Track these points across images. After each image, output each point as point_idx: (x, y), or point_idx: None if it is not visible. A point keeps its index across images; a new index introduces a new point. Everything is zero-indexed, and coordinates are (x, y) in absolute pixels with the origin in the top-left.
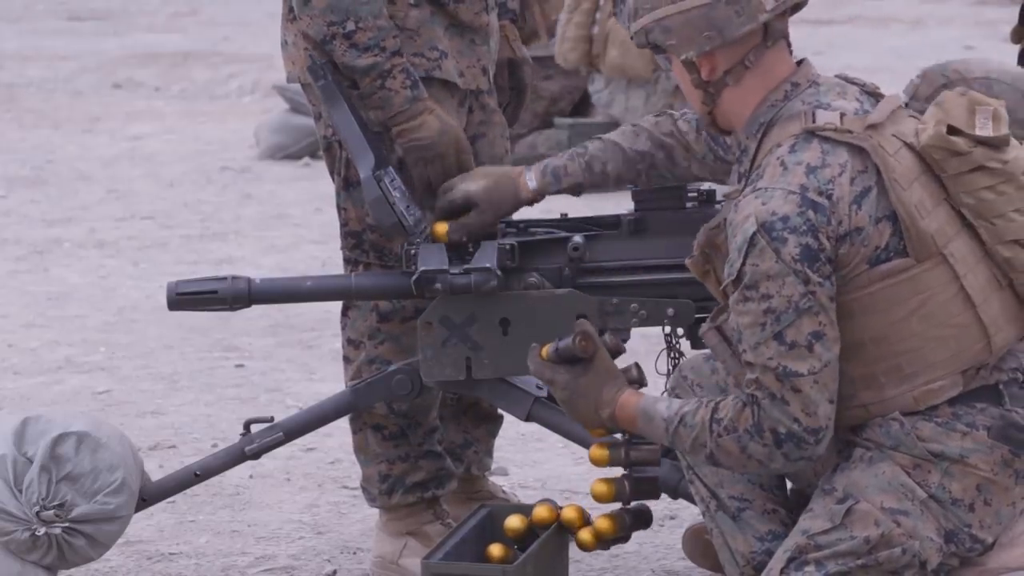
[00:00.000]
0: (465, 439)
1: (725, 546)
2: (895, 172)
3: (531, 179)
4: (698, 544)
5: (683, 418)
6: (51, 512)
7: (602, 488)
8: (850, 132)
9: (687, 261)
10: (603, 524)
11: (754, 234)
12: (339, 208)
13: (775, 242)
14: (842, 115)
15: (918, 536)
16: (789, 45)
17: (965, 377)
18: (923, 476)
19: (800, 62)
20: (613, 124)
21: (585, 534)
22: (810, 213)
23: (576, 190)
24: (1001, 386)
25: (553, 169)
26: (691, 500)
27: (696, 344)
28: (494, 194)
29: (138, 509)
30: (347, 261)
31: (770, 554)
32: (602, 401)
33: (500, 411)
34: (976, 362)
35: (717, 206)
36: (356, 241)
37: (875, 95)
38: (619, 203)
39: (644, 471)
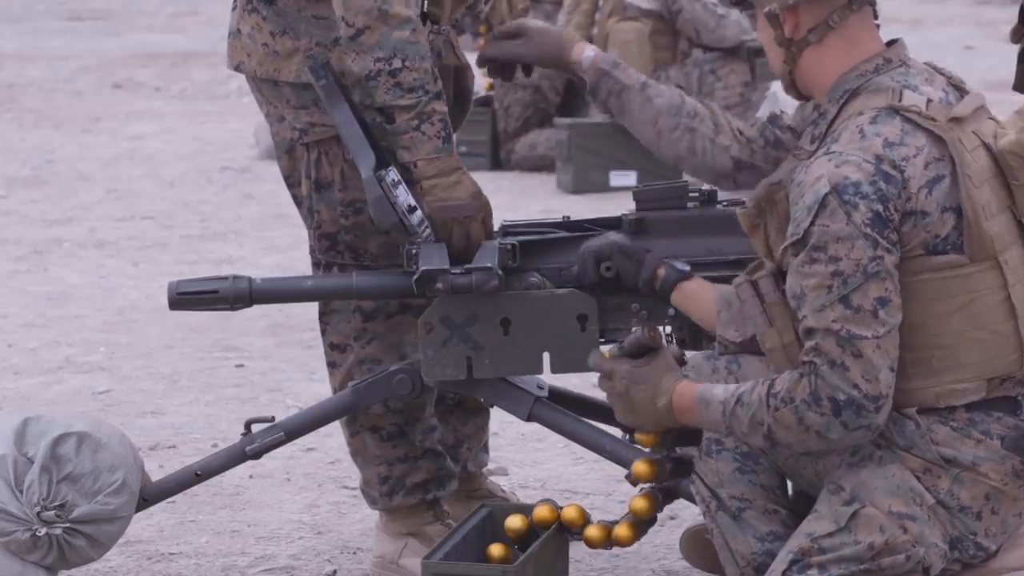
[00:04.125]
0: (456, 438)
1: (725, 546)
2: (969, 169)
3: (589, 50)
4: (696, 545)
5: (740, 398)
6: (52, 512)
7: (643, 504)
8: (933, 120)
9: (738, 212)
10: (622, 531)
11: (826, 195)
12: (311, 211)
13: (846, 205)
14: (928, 101)
15: (924, 542)
16: (876, 16)
17: (990, 385)
18: (933, 481)
19: (893, 41)
20: (614, 124)
21: (594, 531)
22: (882, 183)
23: (617, 97)
24: (1020, 398)
25: (614, 60)
26: (691, 500)
27: (697, 345)
28: (545, 35)
29: (139, 509)
30: (318, 264)
31: (770, 555)
32: (660, 390)
33: (489, 406)
34: (1004, 372)
35: (719, 206)
36: (331, 243)
37: (959, 89)
38: (621, 203)
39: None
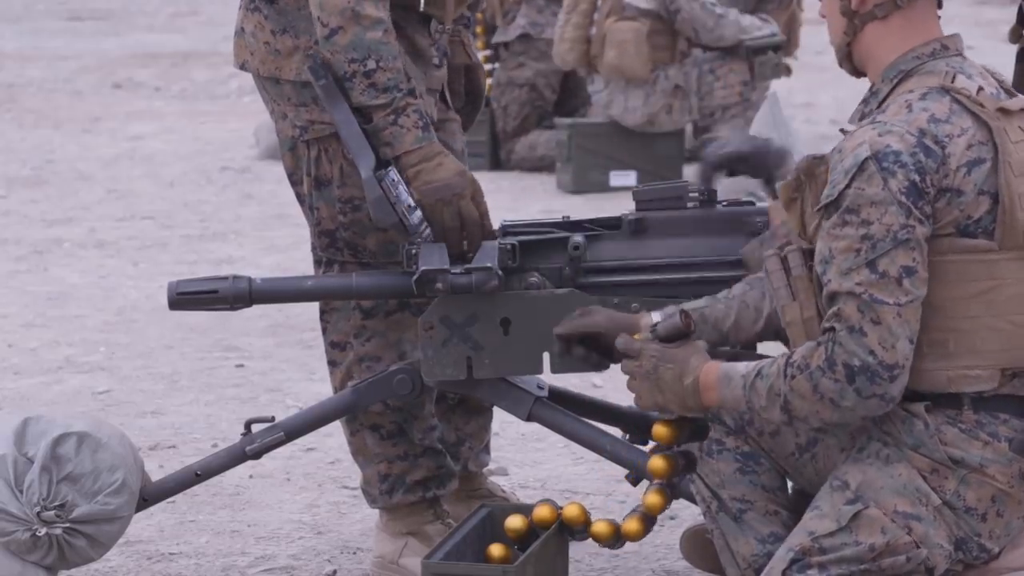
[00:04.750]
0: (458, 436)
1: (726, 547)
2: (1011, 157)
3: (654, 314)
4: (696, 545)
5: (760, 370)
6: (52, 512)
7: (656, 499)
8: (981, 106)
9: (778, 184)
10: (632, 525)
11: (866, 159)
12: (311, 208)
13: (884, 172)
14: (980, 89)
15: (928, 543)
16: (940, 5)
17: (1003, 377)
18: (939, 482)
19: (953, 35)
20: (613, 124)
21: (602, 526)
22: (921, 156)
23: (703, 321)
24: None
25: (671, 305)
26: (692, 500)
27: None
28: (612, 328)
29: (139, 509)
30: (319, 262)
31: (772, 556)
32: (689, 368)
33: (492, 406)
34: (1019, 365)
35: (719, 206)
36: (330, 240)
37: (1008, 92)
38: (620, 203)
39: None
